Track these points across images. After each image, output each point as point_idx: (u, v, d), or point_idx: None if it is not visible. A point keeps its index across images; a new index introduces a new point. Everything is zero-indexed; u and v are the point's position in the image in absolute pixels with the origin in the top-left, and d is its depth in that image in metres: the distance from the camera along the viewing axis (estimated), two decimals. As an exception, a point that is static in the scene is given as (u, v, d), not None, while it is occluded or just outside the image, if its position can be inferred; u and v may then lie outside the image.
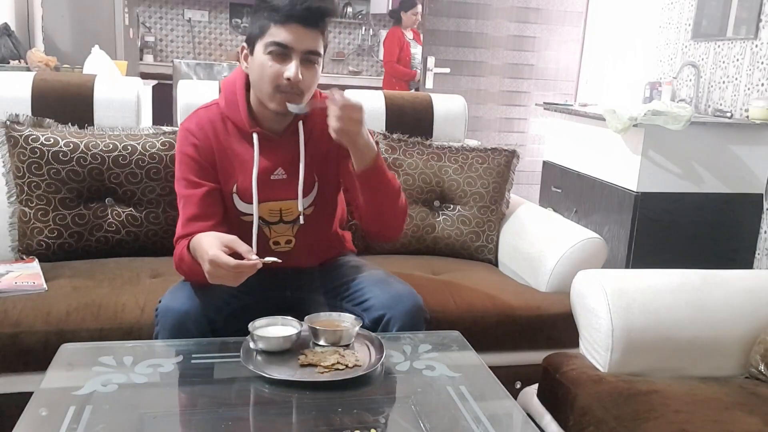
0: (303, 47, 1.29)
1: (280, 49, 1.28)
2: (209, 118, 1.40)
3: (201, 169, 1.38)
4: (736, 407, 1.24)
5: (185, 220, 1.36)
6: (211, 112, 1.41)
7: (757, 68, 2.90)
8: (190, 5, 5.51)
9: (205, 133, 1.38)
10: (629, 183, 2.78)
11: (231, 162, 1.39)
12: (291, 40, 1.27)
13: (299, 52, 1.28)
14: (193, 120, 1.41)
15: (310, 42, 1.29)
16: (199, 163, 1.38)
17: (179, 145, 1.40)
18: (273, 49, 1.28)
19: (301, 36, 1.28)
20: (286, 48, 1.28)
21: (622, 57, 3.92)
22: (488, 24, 4.19)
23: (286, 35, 1.27)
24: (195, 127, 1.39)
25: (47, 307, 1.47)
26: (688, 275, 1.49)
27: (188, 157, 1.38)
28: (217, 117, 1.40)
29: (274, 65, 1.29)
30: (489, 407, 1.10)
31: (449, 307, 1.64)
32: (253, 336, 1.19)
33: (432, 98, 2.22)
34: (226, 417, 1.04)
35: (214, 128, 1.39)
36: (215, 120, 1.40)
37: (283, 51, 1.28)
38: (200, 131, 1.38)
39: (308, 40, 1.29)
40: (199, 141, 1.38)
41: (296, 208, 1.42)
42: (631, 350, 1.37)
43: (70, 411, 1.00)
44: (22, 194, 1.74)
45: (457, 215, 2.02)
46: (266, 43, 1.29)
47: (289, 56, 1.29)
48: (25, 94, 1.86)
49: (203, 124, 1.39)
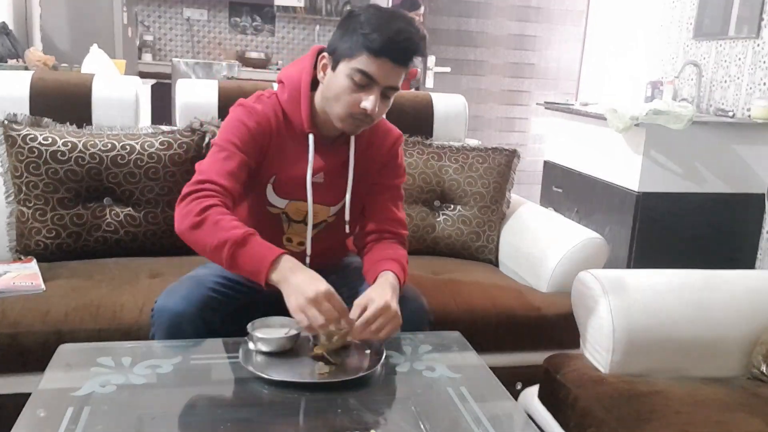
0: (388, 83, 1.27)
1: (365, 79, 1.25)
2: (272, 107, 1.38)
3: (252, 143, 1.34)
4: (738, 408, 1.23)
5: (225, 171, 1.27)
6: (272, 101, 1.39)
7: (759, 67, 2.89)
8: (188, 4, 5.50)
9: (268, 120, 1.37)
10: (630, 183, 2.77)
11: (279, 155, 1.38)
12: (379, 74, 1.24)
13: (382, 86, 1.27)
14: (260, 103, 1.38)
15: (395, 78, 1.27)
16: (254, 139, 1.34)
17: (241, 115, 1.35)
18: (358, 77, 1.25)
19: (389, 71, 1.25)
20: (372, 80, 1.25)
21: (623, 56, 3.91)
22: (489, 23, 4.18)
23: (376, 68, 1.24)
24: (261, 108, 1.37)
25: (45, 307, 1.47)
26: (690, 275, 1.48)
27: (246, 128, 1.34)
28: (277, 108, 1.39)
29: (355, 93, 1.27)
30: (490, 408, 1.10)
31: (450, 308, 1.64)
32: (252, 337, 1.18)
33: (432, 97, 2.22)
34: (225, 418, 1.04)
35: (277, 119, 1.38)
36: (276, 111, 1.38)
37: (367, 81, 1.26)
38: (264, 116, 1.36)
39: (394, 76, 1.27)
40: (262, 123, 1.36)
41: (322, 213, 1.43)
42: (633, 351, 1.36)
43: (69, 412, 0.99)
44: (20, 194, 1.73)
45: (458, 215, 2.01)
46: (353, 68, 1.25)
47: (372, 88, 1.26)
48: (23, 93, 1.85)
49: (267, 110, 1.37)
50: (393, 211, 1.47)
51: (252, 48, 5.68)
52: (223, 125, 1.37)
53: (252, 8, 5.60)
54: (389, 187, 1.48)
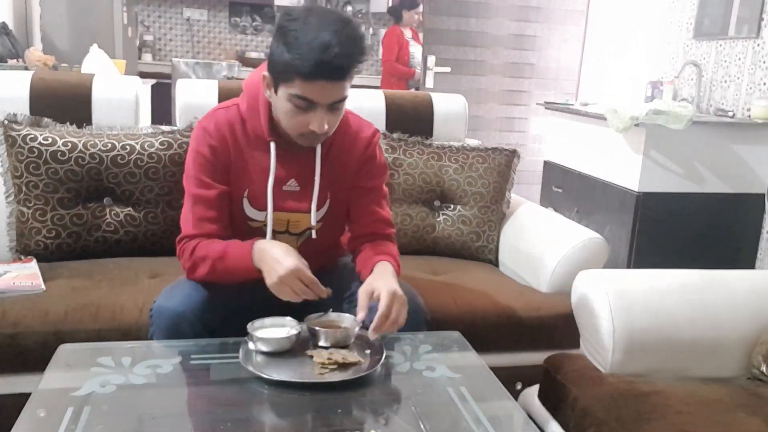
0: (329, 100, 1.24)
1: (305, 102, 1.23)
2: (228, 119, 1.37)
3: (215, 170, 1.36)
4: (738, 408, 1.23)
5: (196, 219, 1.35)
6: (230, 113, 1.38)
7: (759, 67, 2.89)
8: (188, 4, 5.50)
9: (222, 135, 1.36)
10: (630, 183, 2.77)
11: (246, 167, 1.38)
12: (317, 96, 1.22)
13: (325, 105, 1.25)
14: (212, 120, 1.38)
15: (336, 94, 1.24)
16: (214, 164, 1.36)
17: (195, 143, 1.37)
18: (298, 102, 1.23)
19: (327, 90, 1.22)
20: (312, 102, 1.23)
21: (623, 56, 3.91)
22: (489, 23, 4.18)
23: (312, 91, 1.21)
24: (213, 127, 1.36)
25: (45, 307, 1.47)
26: (690, 275, 1.48)
27: (203, 157, 1.35)
28: (236, 119, 1.38)
29: (299, 115, 1.25)
30: (489, 408, 1.10)
31: (449, 308, 1.64)
32: (252, 337, 1.18)
33: (432, 97, 2.22)
34: (225, 418, 1.04)
35: (233, 131, 1.37)
36: (234, 122, 1.37)
37: (308, 104, 1.24)
38: (217, 132, 1.36)
39: (335, 92, 1.23)
40: (216, 142, 1.36)
41: (304, 221, 1.42)
42: (633, 351, 1.36)
43: (69, 412, 0.99)
44: (20, 194, 1.73)
45: (458, 215, 2.01)
46: (291, 94, 1.23)
47: (315, 108, 1.24)
48: (23, 93, 1.85)
49: (221, 126, 1.37)
50: (377, 212, 1.46)
51: (252, 48, 5.68)
52: (187, 156, 1.40)
53: (252, 8, 5.60)
54: (370, 189, 1.46)
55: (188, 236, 1.35)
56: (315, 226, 1.42)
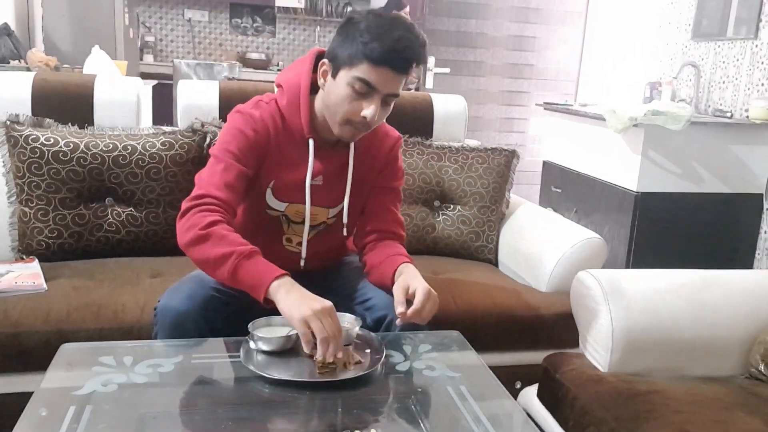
0: (388, 90, 1.27)
1: (366, 87, 1.26)
2: (270, 113, 1.39)
3: (250, 153, 1.34)
4: (737, 407, 1.24)
5: (223, 183, 1.29)
6: (271, 107, 1.40)
7: (757, 68, 2.90)
8: (190, 5, 5.51)
9: (266, 126, 1.37)
10: (629, 183, 2.78)
11: (279, 161, 1.39)
12: (379, 83, 1.25)
13: (382, 94, 1.27)
14: (258, 109, 1.38)
15: (395, 86, 1.28)
16: (252, 147, 1.35)
17: (239, 123, 1.36)
18: (358, 85, 1.26)
19: (389, 80, 1.26)
20: (372, 88, 1.26)
21: (621, 57, 3.91)
22: (488, 24, 4.19)
23: (376, 77, 1.24)
24: (259, 115, 1.37)
25: (47, 307, 1.47)
26: (688, 275, 1.49)
27: (244, 136, 1.34)
28: (276, 113, 1.39)
29: (355, 101, 1.27)
30: (489, 407, 1.10)
31: (449, 307, 1.64)
32: (254, 336, 1.18)
33: (432, 98, 2.22)
34: (226, 417, 1.04)
35: (275, 123, 1.38)
36: (275, 116, 1.39)
37: (368, 90, 1.26)
38: (262, 122, 1.37)
39: (395, 84, 1.27)
40: (259, 130, 1.36)
41: (322, 215, 1.43)
42: (632, 350, 1.37)
43: (70, 411, 0.99)
44: (22, 194, 1.74)
45: (457, 215, 2.02)
46: (353, 77, 1.25)
47: (372, 96, 1.27)
48: (25, 94, 1.85)
49: (266, 117, 1.37)
50: (394, 213, 1.49)
51: (253, 49, 5.69)
52: (222, 133, 1.38)
53: (253, 9, 5.61)
54: (390, 190, 1.49)
55: (211, 197, 1.27)
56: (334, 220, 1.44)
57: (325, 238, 1.47)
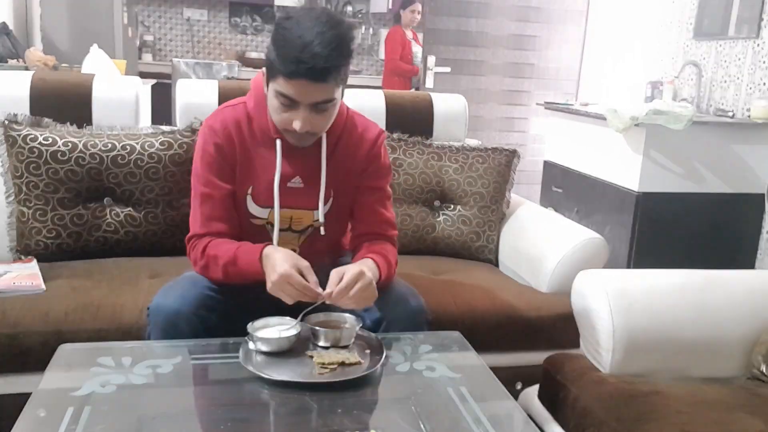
0: (310, 100, 1.25)
1: (287, 100, 1.25)
2: (235, 117, 1.39)
3: (222, 169, 1.37)
4: (738, 408, 1.23)
5: (204, 219, 1.37)
6: (237, 111, 1.40)
7: (759, 67, 2.89)
8: (189, 4, 5.51)
9: (228, 134, 1.37)
10: (630, 183, 2.77)
11: (251, 164, 1.39)
12: (298, 95, 1.24)
13: (307, 105, 1.26)
14: (218, 118, 1.39)
15: (318, 95, 1.25)
16: (220, 163, 1.37)
17: (201, 141, 1.39)
18: (281, 99, 1.26)
19: (308, 90, 1.23)
20: (293, 101, 1.25)
21: (623, 56, 3.91)
22: (489, 23, 4.18)
23: (293, 89, 1.23)
24: (219, 126, 1.38)
25: (46, 307, 1.47)
26: (690, 275, 1.48)
27: (210, 155, 1.37)
28: (243, 117, 1.39)
29: (284, 112, 1.27)
30: (489, 408, 1.10)
31: (450, 308, 1.64)
32: (252, 337, 1.18)
33: (432, 97, 2.22)
34: (226, 418, 1.04)
35: (239, 128, 1.38)
36: (241, 120, 1.38)
37: (290, 102, 1.25)
38: (224, 131, 1.37)
39: (316, 93, 1.24)
40: (222, 141, 1.37)
41: (307, 218, 1.42)
42: (633, 351, 1.36)
43: (69, 412, 0.99)
44: (21, 194, 1.73)
45: (458, 215, 2.01)
46: (274, 90, 1.26)
47: (297, 108, 1.26)
48: (24, 93, 1.85)
49: (228, 124, 1.38)
50: (381, 213, 1.47)
51: (252, 48, 5.68)
52: (195, 155, 1.41)
53: (252, 8, 5.61)
54: (375, 189, 1.47)
55: (197, 235, 1.37)
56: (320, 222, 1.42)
57: (315, 241, 1.45)
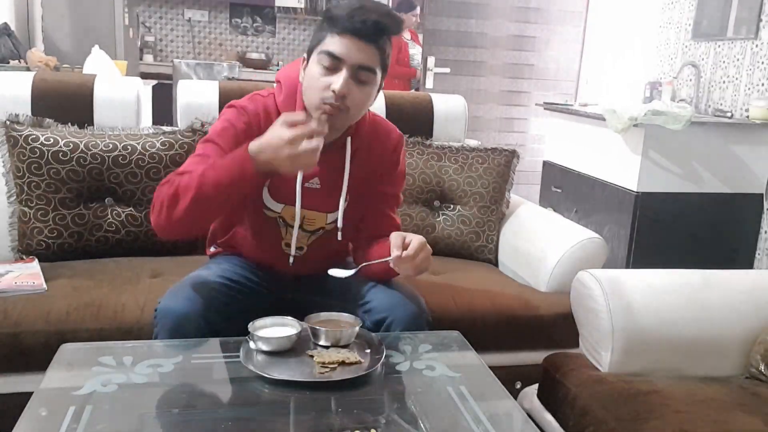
0: (355, 61, 1.24)
1: (331, 59, 1.24)
2: (266, 106, 1.37)
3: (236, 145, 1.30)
4: (737, 407, 1.24)
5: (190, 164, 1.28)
6: (268, 101, 1.39)
7: (758, 68, 2.90)
8: (190, 5, 5.51)
9: (258, 119, 1.36)
10: (629, 183, 2.78)
11: None
12: (343, 52, 1.23)
13: (350, 66, 1.25)
14: (252, 102, 1.38)
15: (363, 56, 1.25)
16: (239, 141, 1.30)
17: (231, 116, 1.35)
18: (325, 59, 1.25)
19: (354, 49, 1.24)
20: (338, 59, 1.24)
21: (622, 57, 3.91)
22: (488, 24, 4.18)
23: (339, 46, 1.23)
24: (253, 109, 1.36)
25: (47, 307, 1.47)
26: (689, 275, 1.49)
27: (235, 129, 1.33)
28: (272, 108, 1.38)
29: (324, 77, 1.26)
30: (489, 407, 1.10)
31: (449, 308, 1.64)
32: (253, 336, 1.18)
33: (432, 98, 2.22)
34: (226, 417, 1.04)
35: (268, 118, 1.35)
36: (270, 110, 1.37)
37: (334, 62, 1.24)
38: (255, 115, 1.36)
39: (362, 54, 1.24)
40: (251, 124, 1.35)
41: (320, 220, 1.42)
42: (632, 350, 1.37)
43: (70, 411, 0.99)
44: (22, 194, 1.74)
45: (457, 215, 2.02)
46: (320, 52, 1.25)
47: (340, 69, 1.25)
48: (25, 93, 1.85)
49: (259, 110, 1.36)
50: (392, 218, 1.47)
51: (253, 49, 5.69)
52: (213, 126, 1.38)
53: (252, 9, 5.61)
54: (390, 196, 1.48)
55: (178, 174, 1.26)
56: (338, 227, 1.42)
57: (324, 243, 1.46)
